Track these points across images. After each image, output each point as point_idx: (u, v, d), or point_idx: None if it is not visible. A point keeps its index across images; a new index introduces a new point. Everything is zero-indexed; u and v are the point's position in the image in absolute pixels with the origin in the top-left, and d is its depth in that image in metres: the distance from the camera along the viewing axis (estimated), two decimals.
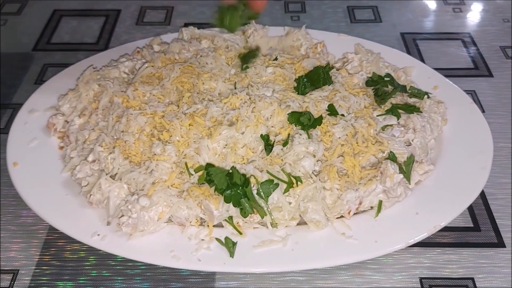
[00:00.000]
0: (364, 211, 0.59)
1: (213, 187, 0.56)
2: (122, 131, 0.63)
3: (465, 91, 0.74)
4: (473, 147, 0.65)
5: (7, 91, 0.83)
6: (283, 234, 0.56)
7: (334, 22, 1.00)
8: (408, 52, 0.90)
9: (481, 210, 0.64)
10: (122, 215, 0.55)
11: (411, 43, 0.93)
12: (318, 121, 0.63)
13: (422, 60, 0.88)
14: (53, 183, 0.62)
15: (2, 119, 0.78)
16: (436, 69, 0.78)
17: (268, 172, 0.57)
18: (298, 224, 0.58)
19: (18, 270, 0.58)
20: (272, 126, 0.63)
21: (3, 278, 0.57)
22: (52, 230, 0.62)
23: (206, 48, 0.77)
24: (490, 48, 0.92)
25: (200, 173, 0.58)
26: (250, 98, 0.65)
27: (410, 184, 0.60)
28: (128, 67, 0.75)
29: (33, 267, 0.58)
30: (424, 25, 0.99)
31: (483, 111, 0.77)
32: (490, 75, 0.86)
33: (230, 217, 0.56)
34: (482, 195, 0.66)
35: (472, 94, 0.81)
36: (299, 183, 0.57)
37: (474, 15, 1.02)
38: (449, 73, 0.83)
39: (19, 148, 0.66)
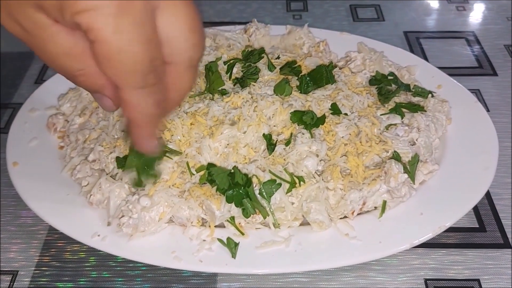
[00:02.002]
0: (368, 211, 0.58)
1: (215, 187, 0.55)
2: (123, 131, 0.62)
3: (469, 90, 0.73)
4: (478, 146, 0.65)
5: (7, 90, 0.82)
6: (286, 234, 0.55)
7: (337, 21, 0.99)
8: (411, 51, 0.89)
9: (486, 211, 0.63)
10: (123, 216, 0.55)
11: (414, 42, 0.92)
12: (321, 120, 0.62)
13: (426, 59, 0.87)
14: (53, 183, 0.61)
15: (2, 118, 0.77)
16: (439, 68, 0.78)
17: (270, 172, 0.56)
18: (301, 224, 0.57)
19: (18, 271, 0.57)
20: (274, 125, 0.62)
21: (3, 279, 0.57)
22: (52, 230, 0.61)
23: (208, 46, 0.76)
24: (494, 46, 0.91)
25: (202, 173, 0.57)
26: (252, 97, 0.64)
27: (414, 184, 0.60)
28: None
29: (33, 268, 0.58)
30: (427, 24, 0.98)
31: (487, 110, 0.75)
32: (495, 73, 0.85)
33: (232, 218, 0.56)
34: (488, 195, 0.65)
35: (477, 93, 0.80)
36: (302, 183, 0.56)
37: (477, 13, 1.01)
38: (452, 72, 0.82)
39: (19, 148, 0.65)
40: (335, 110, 0.64)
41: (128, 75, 0.32)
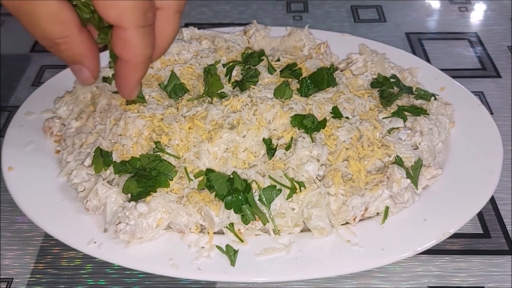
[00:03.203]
0: (370, 217, 0.57)
1: (214, 193, 0.54)
2: (120, 135, 0.61)
3: (472, 92, 0.72)
4: (482, 150, 0.63)
5: (4, 93, 0.81)
6: (286, 241, 0.54)
7: (338, 22, 0.98)
8: (414, 53, 0.88)
9: (490, 216, 0.62)
10: (120, 222, 0.54)
11: (416, 43, 0.91)
12: (322, 124, 0.61)
13: (428, 61, 0.86)
14: (49, 189, 0.60)
15: None
16: (442, 69, 0.76)
17: (270, 177, 0.55)
18: (301, 230, 0.55)
19: (13, 278, 0.56)
20: (274, 130, 0.61)
21: None
22: (48, 237, 0.60)
23: (207, 48, 0.75)
24: (498, 48, 0.90)
25: (200, 178, 0.56)
26: (251, 101, 0.63)
27: (417, 189, 0.58)
28: None
29: (28, 276, 0.57)
30: (429, 25, 0.97)
31: (491, 113, 0.74)
32: (498, 75, 0.84)
33: (231, 224, 0.54)
34: (492, 200, 0.64)
35: (480, 95, 0.79)
36: (302, 188, 0.55)
37: (480, 14, 1.00)
38: (455, 73, 0.81)
39: (15, 152, 0.64)
40: (336, 113, 0.63)
41: (130, 13, 0.35)
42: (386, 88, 0.68)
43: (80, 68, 0.39)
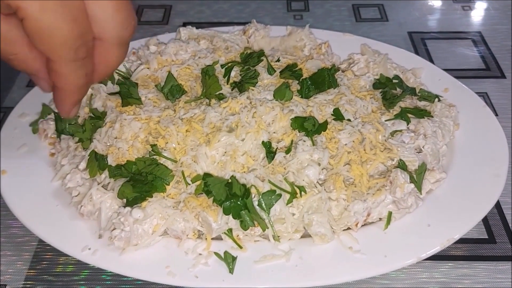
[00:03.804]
0: (373, 223, 0.55)
1: (212, 198, 0.53)
2: (116, 138, 0.60)
3: (476, 93, 0.71)
4: (487, 153, 0.62)
5: None
6: (286, 248, 0.52)
7: (339, 21, 0.96)
8: (416, 52, 0.86)
9: (496, 221, 0.61)
10: (114, 228, 0.52)
11: (419, 43, 0.90)
12: (323, 126, 0.59)
13: (431, 61, 0.84)
14: (43, 193, 0.58)
15: None
16: (445, 70, 0.75)
17: (270, 182, 0.54)
18: (302, 236, 0.54)
19: (6, 285, 0.55)
20: (274, 132, 0.59)
21: None
22: (42, 242, 0.58)
23: (205, 49, 0.73)
24: (502, 47, 0.89)
25: (198, 183, 0.54)
26: (250, 103, 0.61)
27: (421, 194, 0.57)
28: (123, 69, 0.71)
29: (22, 282, 0.55)
30: (432, 24, 0.95)
31: (496, 114, 0.73)
32: (502, 76, 0.82)
33: (230, 230, 0.53)
34: (497, 204, 0.62)
35: (484, 96, 0.78)
36: (303, 193, 0.54)
37: (484, 13, 0.98)
38: (459, 74, 0.80)
39: (8, 155, 0.62)
40: (337, 115, 0.61)
41: (59, 49, 0.35)
42: (389, 90, 0.66)
43: (37, 77, 0.40)
